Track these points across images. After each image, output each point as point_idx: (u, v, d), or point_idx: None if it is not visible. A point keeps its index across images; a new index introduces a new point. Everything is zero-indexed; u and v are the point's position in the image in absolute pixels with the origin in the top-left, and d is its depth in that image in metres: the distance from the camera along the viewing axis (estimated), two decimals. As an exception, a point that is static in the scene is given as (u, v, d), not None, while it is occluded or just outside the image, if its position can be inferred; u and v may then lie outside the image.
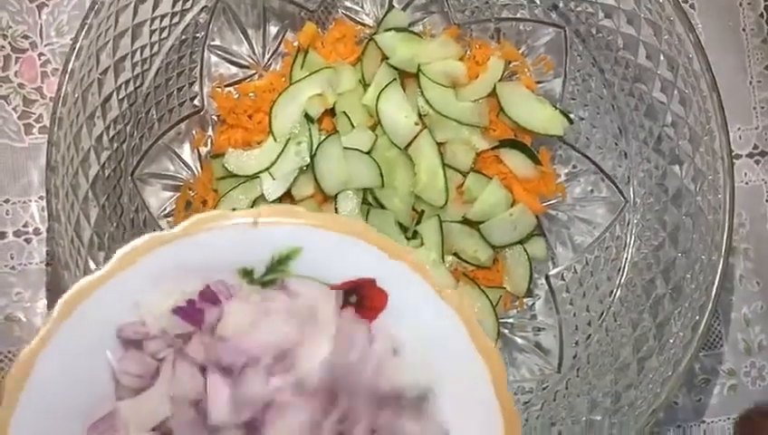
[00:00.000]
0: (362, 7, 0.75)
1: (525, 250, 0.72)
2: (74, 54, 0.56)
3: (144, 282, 0.47)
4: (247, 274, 0.49)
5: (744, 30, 0.84)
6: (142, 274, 0.47)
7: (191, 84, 0.68)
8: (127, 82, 0.61)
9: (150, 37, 0.62)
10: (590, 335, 0.69)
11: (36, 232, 0.72)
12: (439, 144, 0.70)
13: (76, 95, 0.57)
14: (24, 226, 0.72)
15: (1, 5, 0.73)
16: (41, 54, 0.73)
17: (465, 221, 0.71)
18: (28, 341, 0.69)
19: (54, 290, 0.71)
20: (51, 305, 0.71)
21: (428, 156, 0.70)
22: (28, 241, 0.72)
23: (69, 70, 0.56)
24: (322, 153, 0.69)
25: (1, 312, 0.71)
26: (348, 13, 0.74)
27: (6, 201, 0.72)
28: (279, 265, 0.49)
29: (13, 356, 0.71)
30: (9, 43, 0.73)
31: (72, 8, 0.74)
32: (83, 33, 0.57)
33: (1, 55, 0.73)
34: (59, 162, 0.56)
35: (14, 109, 0.73)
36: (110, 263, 0.47)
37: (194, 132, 0.71)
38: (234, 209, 0.61)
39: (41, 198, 0.72)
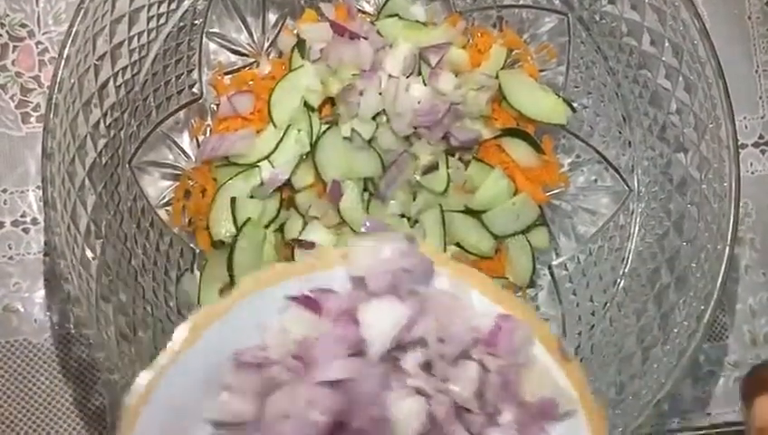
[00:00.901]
0: (363, -6, 0.74)
1: (528, 240, 0.71)
2: (70, 39, 0.55)
3: (271, 309, 0.46)
4: None
5: (749, 18, 0.83)
6: (269, 302, 0.46)
7: (190, 72, 0.68)
8: (124, 69, 0.61)
9: (148, 23, 0.61)
10: (593, 326, 0.68)
11: (34, 222, 0.72)
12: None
13: (72, 81, 0.56)
14: (22, 215, 0.72)
15: (-2, -6, 0.72)
16: (38, 43, 0.73)
17: (467, 211, 0.70)
18: (25, 331, 0.69)
19: (52, 279, 0.71)
20: (49, 295, 0.71)
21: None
22: (26, 231, 0.71)
23: (65, 55, 0.55)
24: (323, 144, 0.68)
25: (-1, 302, 0.71)
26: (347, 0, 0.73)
27: (4, 191, 0.72)
28: None
29: (11, 346, 0.70)
30: (6, 31, 0.72)
31: (69, -4, 0.73)
32: (79, 17, 0.56)
33: (-2, 44, 0.72)
34: (55, 149, 0.55)
35: (11, 97, 0.72)
36: (234, 293, 0.46)
37: (193, 121, 0.70)
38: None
39: (38, 187, 0.72)
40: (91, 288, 0.56)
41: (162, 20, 0.63)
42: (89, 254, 0.57)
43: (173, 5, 0.63)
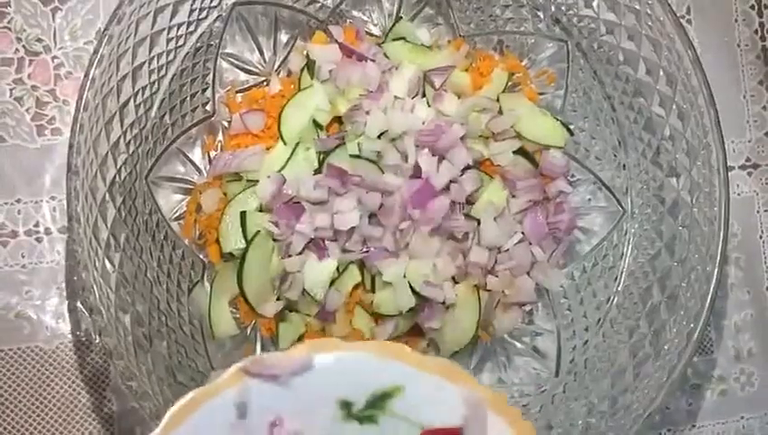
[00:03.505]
0: (370, 18, 0.77)
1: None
2: (95, 62, 0.58)
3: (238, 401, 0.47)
4: (346, 406, 0.48)
5: (738, 45, 0.86)
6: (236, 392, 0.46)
7: (204, 90, 0.70)
8: (143, 89, 0.63)
9: (167, 45, 0.63)
10: (587, 341, 0.71)
11: (47, 232, 0.73)
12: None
13: (96, 101, 0.58)
14: (36, 225, 0.73)
15: (15, 9, 0.74)
16: (54, 57, 0.75)
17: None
18: (38, 338, 0.71)
19: (72, 289, 0.73)
20: (61, 304, 0.73)
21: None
22: (39, 240, 0.73)
23: (90, 77, 0.57)
24: (330, 161, 0.70)
25: (11, 310, 0.72)
26: (356, 23, 0.76)
27: (18, 201, 0.73)
28: (380, 401, 0.48)
29: (23, 353, 0.72)
30: (23, 46, 0.74)
31: (85, 12, 0.75)
32: (105, 41, 0.58)
33: (15, 58, 0.74)
34: (79, 166, 0.57)
35: (27, 110, 0.74)
36: (226, 375, 0.46)
37: (204, 137, 0.72)
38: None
39: (52, 198, 0.74)
40: (111, 300, 0.58)
41: (180, 41, 0.65)
42: (108, 266, 0.59)
43: (191, 28, 0.65)
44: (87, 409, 0.72)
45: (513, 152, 0.73)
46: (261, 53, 0.74)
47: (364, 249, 0.69)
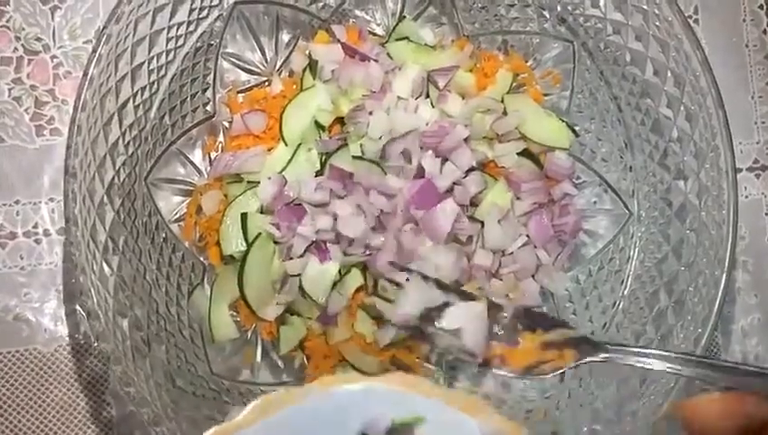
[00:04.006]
0: (373, 17, 0.76)
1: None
2: (94, 62, 0.57)
3: None
4: None
5: (746, 46, 0.85)
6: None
7: (204, 91, 0.69)
8: (143, 89, 0.62)
9: (167, 45, 0.63)
10: (592, 346, 0.70)
11: (46, 233, 0.73)
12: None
13: (94, 102, 0.57)
14: (35, 226, 0.73)
15: (14, 8, 0.73)
16: (53, 57, 0.74)
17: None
18: (36, 341, 0.71)
19: (69, 292, 0.72)
20: (59, 306, 0.72)
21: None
22: (38, 242, 0.73)
23: (89, 77, 0.57)
24: (333, 163, 0.69)
25: (10, 312, 0.71)
26: (359, 22, 0.75)
27: (17, 202, 0.73)
28: (398, 433, 0.47)
29: (21, 356, 0.71)
30: (22, 45, 0.74)
31: (85, 11, 0.74)
32: (103, 40, 0.57)
33: (14, 57, 0.73)
34: (77, 168, 0.56)
35: (25, 110, 0.73)
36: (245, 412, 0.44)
37: (205, 138, 0.72)
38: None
39: (51, 199, 0.73)
40: (109, 304, 0.58)
41: (180, 41, 0.64)
42: (106, 269, 0.58)
43: (191, 27, 0.64)
44: (86, 413, 0.71)
45: (518, 154, 0.72)
46: (262, 52, 0.73)
47: (367, 252, 0.68)
